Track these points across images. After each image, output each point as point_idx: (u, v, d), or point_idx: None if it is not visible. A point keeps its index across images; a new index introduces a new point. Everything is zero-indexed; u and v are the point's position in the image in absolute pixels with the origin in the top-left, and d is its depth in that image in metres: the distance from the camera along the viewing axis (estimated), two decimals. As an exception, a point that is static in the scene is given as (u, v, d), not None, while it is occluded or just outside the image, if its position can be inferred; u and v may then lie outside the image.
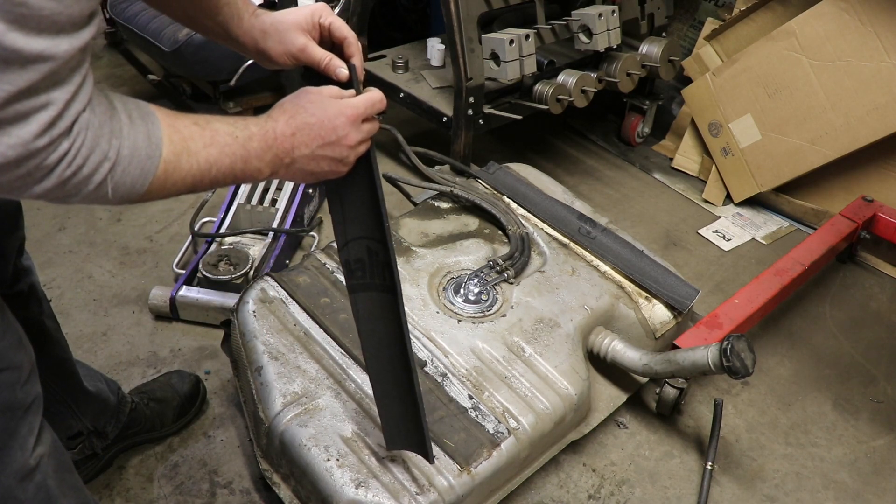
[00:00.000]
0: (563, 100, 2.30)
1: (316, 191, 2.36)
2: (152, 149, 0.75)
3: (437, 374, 1.47)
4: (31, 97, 0.62)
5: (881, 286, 2.29)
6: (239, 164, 0.85)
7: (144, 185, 0.75)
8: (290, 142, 0.90)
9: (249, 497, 1.53)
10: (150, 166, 0.75)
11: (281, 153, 0.90)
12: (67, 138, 0.67)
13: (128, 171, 0.73)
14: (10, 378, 0.91)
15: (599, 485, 1.62)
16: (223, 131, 0.83)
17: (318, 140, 0.92)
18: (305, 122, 0.91)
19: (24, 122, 0.62)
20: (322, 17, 1.01)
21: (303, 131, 0.91)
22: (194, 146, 0.80)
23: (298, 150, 0.91)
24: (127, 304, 2.00)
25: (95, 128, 0.69)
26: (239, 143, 0.84)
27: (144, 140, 0.74)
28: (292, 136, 0.90)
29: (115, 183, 0.72)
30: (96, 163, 0.70)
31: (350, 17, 2.53)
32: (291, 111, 0.92)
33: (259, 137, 0.87)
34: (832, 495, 1.64)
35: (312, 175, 0.96)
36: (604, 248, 1.87)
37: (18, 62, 0.60)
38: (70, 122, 0.67)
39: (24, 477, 0.94)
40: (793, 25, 2.36)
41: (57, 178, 0.67)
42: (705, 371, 1.51)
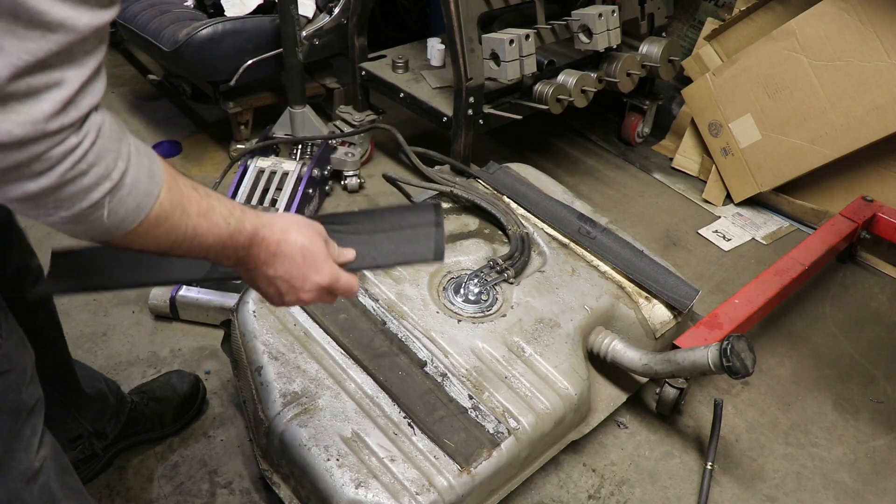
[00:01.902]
0: (563, 100, 2.30)
1: (316, 191, 2.37)
2: (152, 187, 0.72)
3: (437, 374, 1.47)
4: (45, 71, 0.60)
5: (881, 286, 2.29)
6: (217, 247, 0.83)
7: (135, 221, 0.72)
8: (267, 257, 0.89)
9: (249, 497, 1.53)
10: (146, 204, 0.72)
11: (254, 260, 0.89)
12: (76, 133, 0.64)
13: (125, 200, 0.70)
14: (15, 380, 0.91)
15: (599, 485, 1.62)
16: (218, 211, 0.81)
17: (287, 276, 0.92)
18: (292, 255, 0.91)
19: (35, 99, 0.60)
20: None
21: (283, 259, 0.90)
22: (189, 209, 0.77)
23: (266, 268, 0.90)
24: (127, 304, 2.00)
25: (105, 138, 0.67)
26: (228, 230, 0.82)
27: (147, 176, 0.72)
28: (273, 255, 0.89)
29: (111, 208, 0.69)
30: (99, 176, 0.67)
31: (350, 17, 2.53)
32: (289, 236, 0.91)
33: (248, 235, 0.86)
34: (832, 495, 1.64)
35: (256, 287, 0.95)
36: (604, 248, 1.87)
37: (40, 27, 0.58)
38: (82, 114, 0.64)
39: (30, 479, 0.94)
40: (793, 25, 2.36)
41: (57, 177, 0.64)
42: (705, 371, 1.51)
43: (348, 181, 2.52)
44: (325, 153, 2.42)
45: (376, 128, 2.39)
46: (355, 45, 2.58)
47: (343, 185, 2.53)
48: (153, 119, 2.88)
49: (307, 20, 2.54)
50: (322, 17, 2.56)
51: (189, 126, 2.87)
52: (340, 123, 2.68)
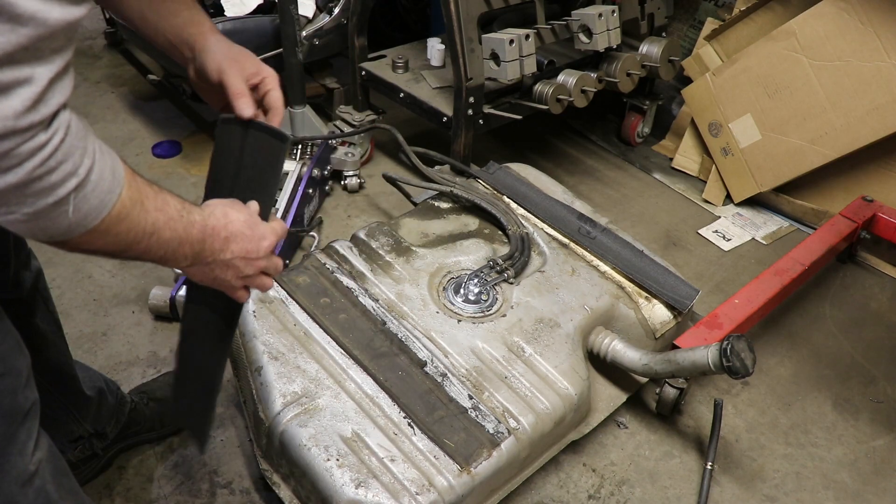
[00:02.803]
0: (563, 100, 2.30)
1: (316, 191, 2.37)
2: (114, 184, 0.73)
3: (437, 374, 1.47)
4: (13, 66, 0.60)
5: (881, 286, 2.29)
6: (175, 242, 0.84)
7: (97, 218, 0.73)
8: (221, 244, 0.91)
9: (249, 497, 1.53)
10: (109, 200, 0.73)
11: (208, 250, 0.90)
12: (45, 131, 0.64)
13: (89, 197, 0.70)
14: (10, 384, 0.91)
15: (599, 485, 1.62)
16: (172, 205, 0.82)
17: (242, 253, 0.94)
18: (241, 231, 0.93)
19: (5, 96, 0.60)
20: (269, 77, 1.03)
21: (235, 238, 0.92)
22: (148, 204, 0.79)
23: (222, 254, 0.92)
24: (127, 304, 2.00)
25: (73, 136, 0.68)
26: (182, 223, 0.84)
27: (109, 173, 0.73)
28: (224, 240, 0.91)
29: (75, 205, 0.69)
30: (66, 173, 0.67)
31: (350, 17, 2.53)
32: (230, 216, 0.92)
33: (199, 227, 0.87)
34: (832, 495, 1.64)
35: (214, 280, 0.96)
36: (604, 248, 1.87)
37: (10, 20, 0.58)
38: (51, 111, 0.64)
39: (25, 482, 0.94)
40: (793, 25, 2.36)
41: (25, 173, 0.64)
42: (705, 371, 1.51)
43: (348, 181, 2.52)
44: (325, 153, 2.42)
45: (376, 128, 2.39)
46: (355, 45, 2.58)
47: (343, 185, 2.53)
48: (153, 119, 2.88)
49: (307, 20, 2.54)
50: (322, 17, 2.56)
51: (189, 126, 2.87)
52: (340, 123, 2.68)
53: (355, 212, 2.46)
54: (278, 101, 1.04)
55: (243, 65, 1.01)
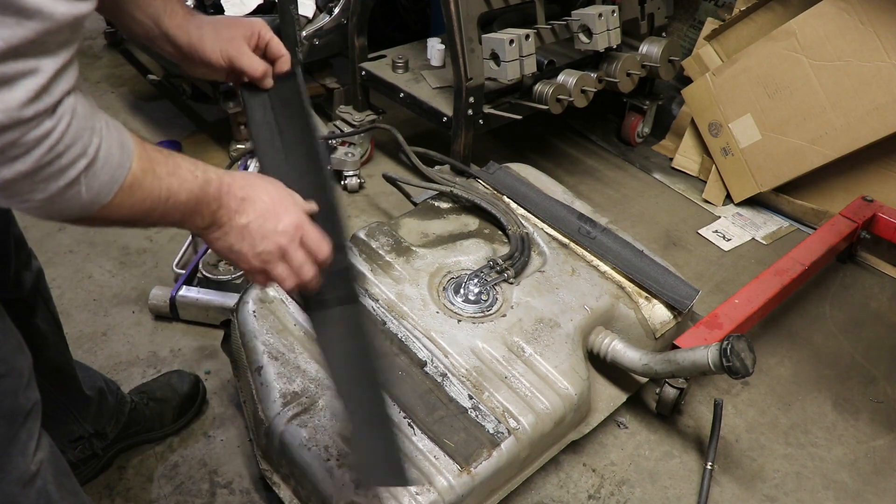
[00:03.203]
0: (563, 100, 2.30)
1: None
2: (124, 158, 0.73)
3: (437, 374, 1.47)
4: (18, 59, 0.60)
5: (881, 286, 2.29)
6: (192, 202, 0.82)
7: (110, 194, 0.73)
8: (238, 204, 0.88)
9: (249, 497, 1.53)
10: (120, 175, 0.73)
11: (224, 210, 0.87)
12: (51, 118, 0.65)
13: (99, 174, 0.71)
14: (12, 384, 0.91)
15: (599, 485, 1.62)
16: (184, 167, 0.82)
17: (260, 219, 0.89)
18: (260, 197, 0.90)
19: (9, 87, 0.61)
20: (262, 31, 1.04)
21: (252, 202, 0.89)
22: (159, 170, 0.78)
23: (238, 216, 0.88)
24: (127, 304, 2.00)
25: (80, 118, 0.68)
26: (198, 182, 0.83)
27: (118, 147, 0.73)
28: (241, 200, 0.88)
29: (87, 184, 0.70)
30: (75, 155, 0.67)
31: (350, 17, 2.53)
32: (253, 182, 0.90)
33: (216, 185, 0.85)
34: (832, 495, 1.64)
35: (229, 249, 0.90)
36: (604, 248, 1.87)
37: (16, 13, 0.58)
38: (56, 100, 0.65)
39: (27, 483, 0.94)
40: (793, 25, 2.36)
41: (34, 161, 0.64)
42: (705, 371, 1.51)
43: (348, 181, 2.52)
44: (325, 153, 2.42)
45: (376, 128, 2.39)
46: (355, 45, 2.58)
47: (343, 185, 2.53)
48: (153, 119, 2.88)
49: (307, 20, 2.54)
50: (322, 17, 2.56)
51: (189, 126, 2.87)
52: (340, 123, 2.68)
53: (355, 212, 2.46)
54: (280, 48, 1.06)
55: (239, 38, 1.02)
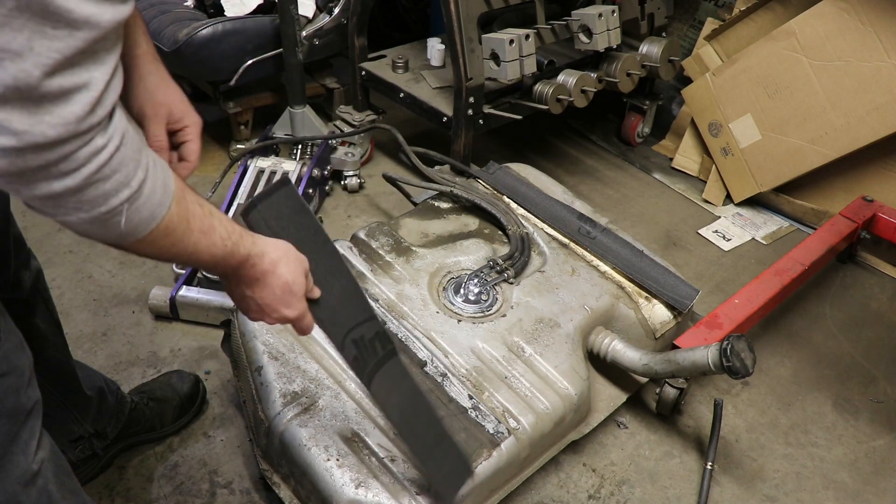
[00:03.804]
0: (563, 100, 2.30)
1: (316, 191, 2.37)
2: (165, 198, 0.75)
3: (437, 374, 1.47)
4: (73, 70, 0.62)
5: (881, 286, 2.29)
6: (210, 263, 0.86)
7: (147, 229, 0.75)
8: (250, 280, 0.93)
9: (249, 497, 1.53)
10: (159, 213, 0.75)
11: (237, 279, 0.93)
12: (103, 134, 0.66)
13: (140, 209, 0.72)
14: (14, 382, 0.91)
15: (599, 485, 1.62)
16: (218, 233, 0.84)
17: (261, 302, 0.96)
18: (273, 289, 0.95)
19: (66, 101, 0.62)
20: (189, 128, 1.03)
21: (263, 288, 0.94)
22: (194, 224, 0.80)
23: (246, 289, 0.95)
24: (127, 304, 2.00)
25: (127, 147, 0.69)
26: (224, 251, 0.86)
27: (161, 187, 0.75)
28: (255, 281, 0.94)
29: (128, 216, 0.71)
30: (119, 183, 0.69)
31: (350, 17, 2.53)
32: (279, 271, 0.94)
33: (240, 260, 0.89)
34: (832, 495, 1.64)
35: (228, 292, 0.99)
36: (604, 248, 1.87)
37: (67, 25, 0.59)
38: (107, 112, 0.66)
39: (28, 482, 0.94)
40: (793, 25, 2.36)
41: (82, 178, 0.66)
42: (705, 371, 1.51)
43: (348, 181, 2.52)
44: (325, 153, 2.42)
45: (376, 128, 2.39)
46: (355, 45, 2.58)
47: (343, 185, 2.53)
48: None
49: (307, 20, 2.54)
50: (322, 17, 2.56)
51: (189, 126, 2.86)
52: (340, 123, 2.68)
53: (355, 212, 2.46)
54: (194, 154, 1.04)
55: (170, 109, 1.01)
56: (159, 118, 1.00)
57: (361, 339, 1.09)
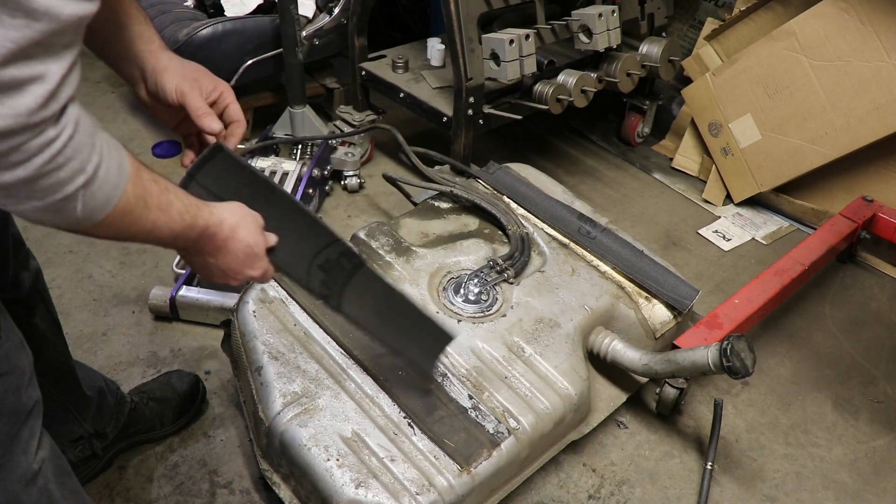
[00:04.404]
0: (563, 100, 2.30)
1: (316, 191, 2.37)
2: (120, 180, 0.74)
3: (437, 374, 1.47)
4: (28, 62, 0.61)
5: (881, 286, 2.29)
6: (170, 239, 0.86)
7: (103, 213, 0.74)
8: (212, 249, 0.94)
9: (249, 497, 1.53)
10: (115, 196, 0.74)
11: (198, 250, 0.94)
12: (54, 126, 0.65)
13: (96, 193, 0.72)
14: (14, 382, 0.91)
15: (599, 485, 1.62)
16: (175, 207, 0.84)
17: (224, 267, 0.97)
18: (235, 253, 0.96)
19: (19, 93, 0.61)
20: (226, 91, 1.06)
21: (227, 254, 0.96)
22: (151, 202, 0.80)
23: (208, 257, 0.96)
24: (127, 304, 2.00)
25: (81, 133, 0.68)
26: (183, 225, 0.86)
27: (116, 169, 0.74)
28: (218, 249, 0.94)
29: (84, 201, 0.71)
30: (74, 170, 0.68)
31: (350, 17, 2.53)
32: (238, 235, 0.95)
33: (200, 231, 0.89)
34: (832, 495, 1.64)
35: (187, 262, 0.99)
36: (604, 248, 1.87)
37: (25, 15, 0.59)
38: (60, 106, 0.65)
39: (29, 482, 0.94)
40: (793, 25, 2.36)
41: (34, 169, 0.64)
42: (705, 371, 1.51)
43: (348, 181, 2.52)
44: (325, 153, 2.42)
45: (376, 128, 2.39)
46: (355, 45, 2.58)
47: (343, 185, 2.53)
48: (153, 119, 2.87)
49: (307, 20, 2.54)
50: (322, 17, 2.56)
51: (189, 126, 2.87)
52: (340, 123, 2.68)
53: (355, 212, 2.46)
54: (238, 113, 1.08)
55: (202, 83, 1.03)
56: (196, 92, 1.02)
57: (328, 261, 1.12)
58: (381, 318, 1.25)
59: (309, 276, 1.11)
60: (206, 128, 1.02)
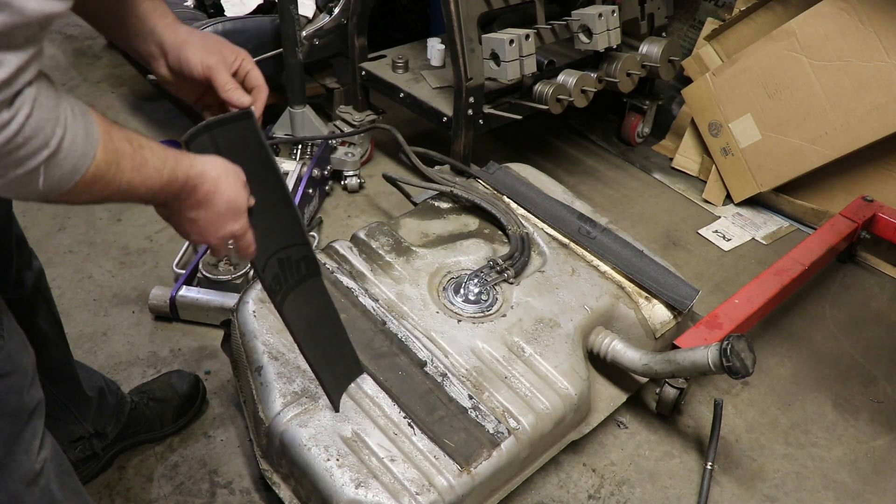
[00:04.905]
0: (563, 100, 2.30)
1: (316, 191, 2.37)
2: (88, 147, 0.73)
3: (437, 374, 1.47)
4: None
5: (881, 286, 2.29)
6: (148, 196, 0.84)
7: (70, 183, 0.72)
8: (193, 203, 0.91)
9: (249, 497, 1.53)
10: (82, 165, 0.72)
11: (179, 205, 0.91)
12: (8, 109, 0.64)
13: (61, 164, 0.70)
14: (17, 382, 0.91)
15: (599, 485, 1.62)
16: (151, 165, 0.82)
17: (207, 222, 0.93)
18: (218, 206, 0.92)
19: None
20: (245, 59, 1.04)
21: (208, 208, 0.92)
22: (124, 164, 0.78)
23: (190, 212, 0.92)
24: (127, 304, 2.00)
25: (42, 109, 0.67)
26: (161, 180, 0.84)
27: (83, 136, 0.72)
28: (198, 203, 0.91)
29: (46, 174, 0.69)
30: (36, 147, 0.67)
31: (350, 17, 2.53)
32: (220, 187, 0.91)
33: (180, 184, 0.87)
34: (832, 495, 1.64)
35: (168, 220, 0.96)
36: (604, 248, 1.87)
37: None
38: (14, 92, 0.64)
39: (31, 482, 0.94)
40: (793, 25, 2.36)
41: None
42: (705, 371, 1.51)
43: (348, 181, 2.52)
44: (325, 153, 2.42)
45: (376, 128, 2.39)
46: (355, 45, 2.58)
47: (343, 185, 2.53)
48: (153, 119, 2.88)
49: (307, 20, 2.54)
50: (322, 17, 2.56)
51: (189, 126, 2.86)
52: (340, 123, 2.68)
53: (355, 212, 2.46)
54: (260, 79, 1.05)
55: (225, 55, 1.01)
56: (222, 66, 1.01)
57: (288, 259, 1.11)
58: (311, 331, 1.22)
59: (265, 265, 1.09)
60: (236, 102, 1.00)
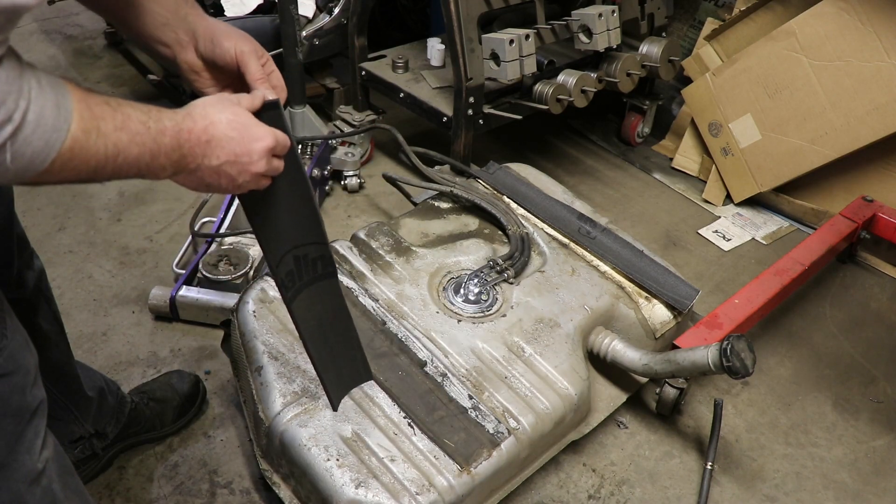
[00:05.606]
0: (563, 100, 2.30)
1: (316, 191, 2.37)
2: (60, 120, 0.69)
3: (437, 374, 1.47)
4: None
5: (881, 286, 2.29)
6: (146, 157, 0.79)
7: (46, 160, 0.69)
8: (203, 149, 0.85)
9: (249, 497, 1.53)
10: (56, 139, 0.68)
11: (189, 157, 0.84)
12: None
13: (30, 139, 0.66)
14: (19, 381, 0.91)
15: (599, 485, 1.62)
16: (135, 118, 0.77)
17: (231, 157, 0.88)
18: (225, 134, 0.86)
19: None
20: (270, 59, 1.03)
21: (219, 143, 0.86)
22: (105, 127, 0.73)
23: (207, 160, 0.86)
24: (127, 304, 2.00)
25: (2, 82, 0.64)
26: (150, 134, 0.78)
27: (53, 109, 0.68)
28: (206, 144, 0.85)
29: (14, 151, 0.65)
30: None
31: (350, 17, 2.53)
32: (212, 117, 0.86)
33: (172, 134, 0.81)
34: (832, 495, 1.64)
35: (207, 187, 0.91)
36: (604, 248, 1.87)
37: None
38: None
39: (33, 481, 0.94)
40: (793, 25, 2.36)
41: None
42: (705, 371, 1.51)
43: (348, 181, 2.52)
44: (325, 153, 2.42)
45: (376, 128, 2.39)
46: (355, 45, 2.58)
47: (343, 185, 2.53)
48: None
49: (307, 20, 2.54)
50: (322, 17, 2.56)
51: (189, 126, 2.86)
52: (340, 123, 2.68)
53: (355, 212, 2.46)
54: (281, 81, 1.04)
55: (256, 46, 1.01)
56: (254, 56, 1.00)
57: (305, 256, 1.09)
58: (320, 330, 1.19)
59: (280, 261, 1.07)
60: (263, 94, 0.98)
